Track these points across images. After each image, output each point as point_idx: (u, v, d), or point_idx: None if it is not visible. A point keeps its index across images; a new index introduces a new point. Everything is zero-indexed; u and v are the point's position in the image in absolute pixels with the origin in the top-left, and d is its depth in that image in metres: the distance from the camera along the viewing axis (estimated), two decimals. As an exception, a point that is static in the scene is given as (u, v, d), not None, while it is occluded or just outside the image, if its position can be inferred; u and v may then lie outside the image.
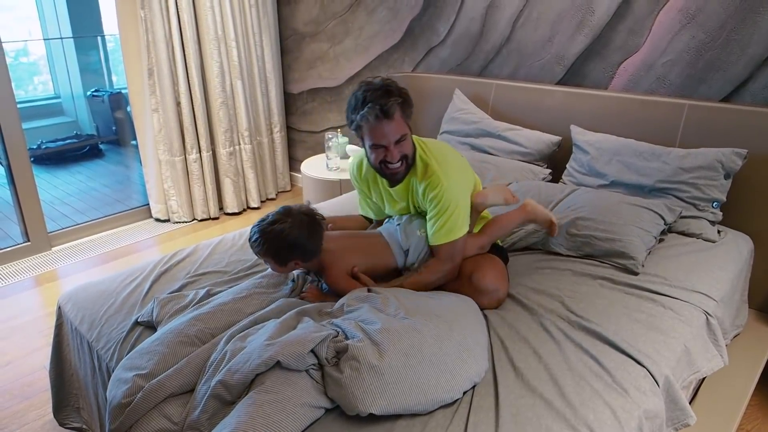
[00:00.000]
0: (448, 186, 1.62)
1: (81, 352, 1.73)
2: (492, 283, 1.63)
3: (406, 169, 1.66)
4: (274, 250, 1.58)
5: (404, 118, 1.60)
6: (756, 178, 2.10)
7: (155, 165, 3.46)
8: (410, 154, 1.65)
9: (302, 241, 1.57)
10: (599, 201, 2.00)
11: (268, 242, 1.57)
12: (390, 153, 1.59)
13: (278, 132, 3.92)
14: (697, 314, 1.64)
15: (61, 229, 3.41)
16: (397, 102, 1.55)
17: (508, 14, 2.69)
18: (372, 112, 1.53)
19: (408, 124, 1.62)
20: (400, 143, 1.60)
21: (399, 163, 1.62)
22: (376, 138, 1.58)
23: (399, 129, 1.58)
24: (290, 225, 1.56)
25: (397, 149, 1.60)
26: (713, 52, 2.18)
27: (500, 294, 1.64)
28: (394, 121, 1.56)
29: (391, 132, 1.57)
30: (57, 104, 5.73)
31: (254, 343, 1.31)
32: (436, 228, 1.65)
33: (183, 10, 3.19)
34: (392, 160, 1.61)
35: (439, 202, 1.62)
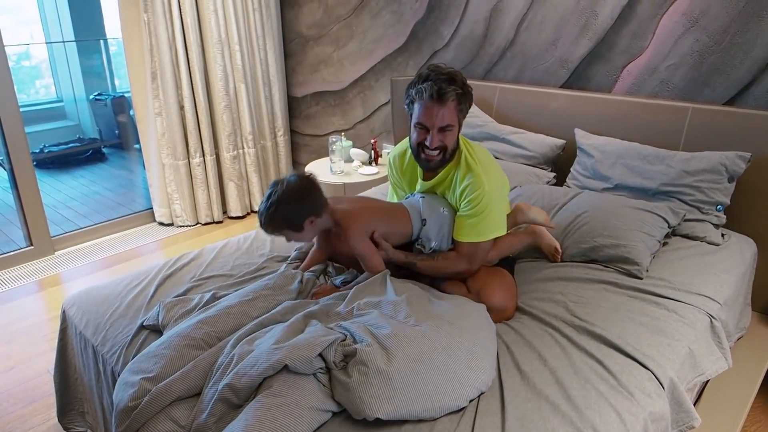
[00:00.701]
0: (489, 191, 1.62)
1: (86, 356, 1.73)
2: (500, 302, 1.63)
3: (441, 161, 1.65)
4: (282, 219, 1.56)
5: (457, 111, 1.60)
6: (759, 181, 2.10)
7: (159, 169, 3.46)
8: (450, 148, 1.64)
9: (303, 196, 1.57)
10: (603, 205, 2.01)
11: (274, 215, 1.56)
12: (431, 137, 1.60)
13: (282, 135, 3.93)
14: (701, 317, 1.64)
15: (64, 233, 3.42)
16: (456, 91, 1.56)
17: (512, 17, 2.69)
18: (428, 90, 1.54)
19: (460, 120, 1.62)
20: (443, 132, 1.60)
21: (436, 152, 1.62)
22: (422, 117, 1.59)
23: (447, 117, 1.58)
24: (283, 188, 1.56)
25: (439, 137, 1.60)
26: (717, 56, 2.18)
27: (508, 312, 1.64)
28: (445, 108, 1.56)
29: (438, 116, 1.57)
30: (59, 108, 5.74)
31: (262, 347, 1.31)
32: (466, 227, 1.65)
33: (186, 13, 3.20)
34: (430, 145, 1.61)
35: (477, 204, 1.63)
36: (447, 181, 1.72)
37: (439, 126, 1.58)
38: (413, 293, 1.59)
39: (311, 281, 1.75)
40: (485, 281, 1.68)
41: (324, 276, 1.86)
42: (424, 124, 1.59)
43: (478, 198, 1.62)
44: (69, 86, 5.63)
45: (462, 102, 1.60)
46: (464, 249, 1.68)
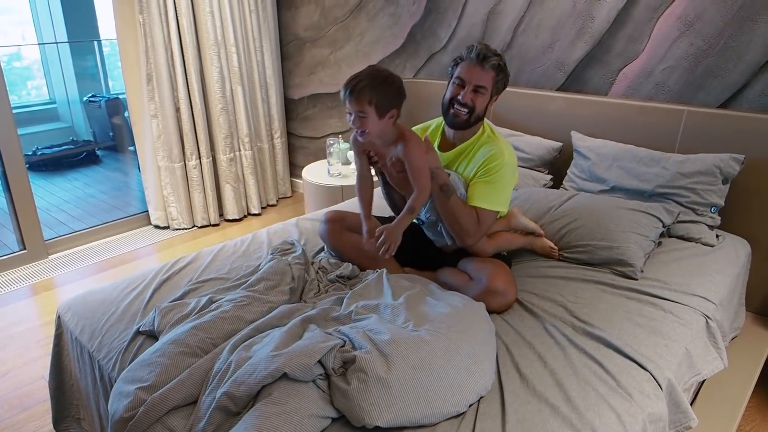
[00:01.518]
0: (507, 163, 1.77)
1: (82, 362, 1.71)
2: (503, 285, 1.66)
3: (467, 120, 1.78)
4: (381, 94, 1.57)
5: (493, 81, 1.76)
6: (753, 183, 2.12)
7: (154, 171, 3.45)
8: (477, 112, 1.78)
9: (402, 90, 1.63)
10: (597, 207, 2.02)
11: (376, 86, 1.57)
12: (464, 92, 1.75)
13: (279, 138, 3.93)
14: (696, 317, 1.66)
15: (58, 236, 3.39)
16: (498, 62, 1.75)
17: (509, 20, 2.71)
18: (474, 51, 1.74)
19: (492, 91, 1.78)
20: (477, 92, 1.76)
21: (465, 110, 1.77)
22: (463, 72, 1.76)
23: (483, 79, 1.75)
24: (390, 73, 1.62)
25: (471, 95, 1.75)
26: (711, 59, 2.20)
27: (509, 297, 1.67)
28: (485, 71, 1.74)
29: (475, 75, 1.74)
30: (53, 110, 5.71)
31: (260, 354, 1.31)
32: (480, 191, 1.76)
33: (182, 14, 3.19)
34: (462, 99, 1.75)
35: (496, 171, 1.75)
36: (466, 152, 1.84)
37: (476, 84, 1.75)
38: (411, 295, 1.60)
39: (304, 280, 1.74)
40: (487, 267, 1.73)
41: (319, 272, 1.86)
42: (463, 79, 1.76)
43: (497, 166, 1.75)
44: (62, 88, 5.60)
45: (499, 74, 1.77)
46: (478, 213, 1.77)
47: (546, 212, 2.09)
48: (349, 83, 1.59)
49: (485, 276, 1.68)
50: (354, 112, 1.60)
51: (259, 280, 1.71)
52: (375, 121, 1.61)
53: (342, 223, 1.94)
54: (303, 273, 1.78)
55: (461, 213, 1.73)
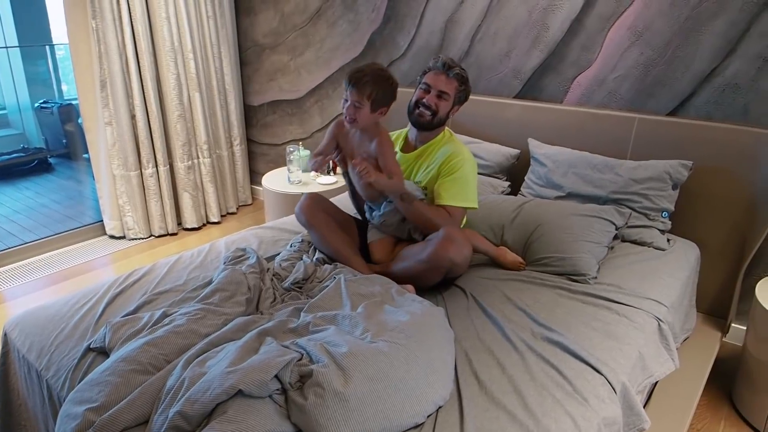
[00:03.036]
0: (467, 159, 1.91)
1: (29, 382, 1.64)
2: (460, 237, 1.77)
3: (429, 121, 1.94)
4: (380, 91, 1.76)
5: (456, 90, 1.93)
6: (701, 188, 2.20)
7: (109, 180, 3.35)
8: (439, 115, 1.94)
9: (397, 91, 1.82)
10: (550, 216, 2.05)
11: (380, 83, 1.75)
12: (430, 96, 1.92)
13: (238, 145, 3.87)
14: (649, 320, 1.71)
15: (7, 248, 3.25)
16: (459, 73, 1.92)
17: (467, 29, 2.74)
18: (441, 61, 1.92)
19: (455, 99, 1.94)
20: (440, 97, 1.92)
21: (429, 111, 1.92)
22: (428, 79, 1.94)
23: (447, 86, 1.92)
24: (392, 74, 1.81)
25: (435, 99, 1.92)
26: (660, 68, 2.28)
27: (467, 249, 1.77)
28: (448, 80, 1.91)
29: (440, 82, 1.92)
30: (2, 116, 5.50)
31: (215, 371, 1.27)
32: (448, 190, 1.88)
33: (137, 20, 3.12)
34: (426, 102, 1.92)
35: (458, 169, 1.88)
36: (427, 153, 1.99)
37: (440, 89, 1.91)
38: (369, 304, 1.59)
39: (259, 289, 1.72)
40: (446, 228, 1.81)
41: (274, 279, 1.84)
42: (429, 84, 1.93)
43: (459, 162, 1.89)
44: (12, 93, 5.40)
45: (462, 85, 1.93)
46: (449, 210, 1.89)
47: (501, 223, 2.12)
48: (354, 74, 1.76)
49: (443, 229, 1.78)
50: (352, 101, 1.77)
51: (214, 292, 1.67)
52: (367, 114, 1.79)
53: (319, 204, 2.03)
54: (258, 282, 1.75)
55: (431, 213, 1.85)
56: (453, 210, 1.88)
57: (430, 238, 1.81)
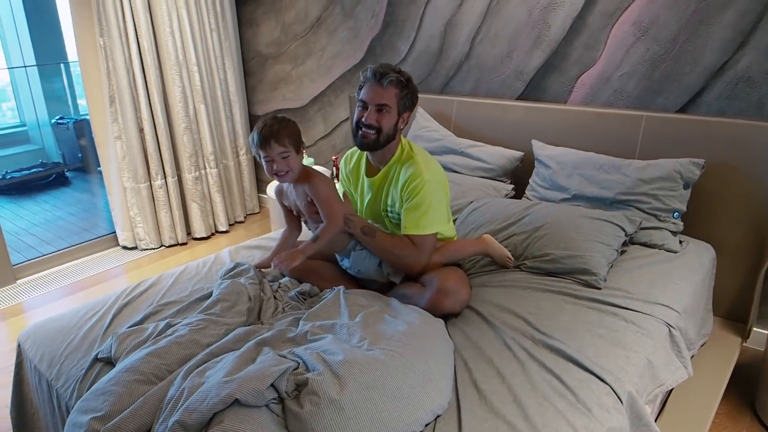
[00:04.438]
0: (429, 180, 1.72)
1: (41, 391, 1.67)
2: (453, 284, 1.67)
3: (375, 142, 1.75)
4: (293, 131, 1.69)
5: (397, 98, 1.73)
6: (715, 187, 2.13)
7: (120, 192, 3.40)
8: (385, 131, 1.74)
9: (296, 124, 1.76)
10: (559, 217, 2.01)
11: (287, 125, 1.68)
12: (367, 114, 1.72)
13: (244, 154, 3.89)
14: (659, 327, 1.65)
15: (26, 260, 3.32)
16: (395, 78, 1.71)
17: (467, 31, 2.71)
18: (370, 71, 1.73)
19: (399, 107, 1.74)
20: (380, 112, 1.72)
21: (372, 131, 1.73)
22: (363, 95, 1.75)
23: (385, 97, 1.72)
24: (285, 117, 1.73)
25: (375, 115, 1.72)
26: (668, 64, 2.21)
27: (462, 296, 1.68)
28: (385, 90, 1.71)
29: (376, 95, 1.72)
30: (23, 132, 5.64)
31: (212, 380, 1.27)
32: (411, 219, 1.74)
33: (143, 36, 3.15)
34: (366, 121, 1.72)
35: (418, 193, 1.71)
36: (390, 175, 1.81)
37: (377, 103, 1.71)
38: (368, 313, 1.57)
39: (260, 299, 1.72)
40: (438, 271, 1.73)
41: (279, 290, 1.84)
42: (365, 101, 1.74)
43: (418, 187, 1.71)
44: (32, 110, 5.53)
45: (403, 90, 1.73)
46: (414, 240, 1.75)
47: (507, 223, 2.07)
48: (263, 130, 1.66)
49: (436, 278, 1.69)
50: (276, 155, 1.67)
51: (216, 302, 1.68)
52: (295, 158, 1.70)
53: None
54: (259, 291, 1.76)
55: (395, 246, 1.74)
56: (419, 239, 1.73)
57: (427, 284, 1.70)
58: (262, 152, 1.68)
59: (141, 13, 3.12)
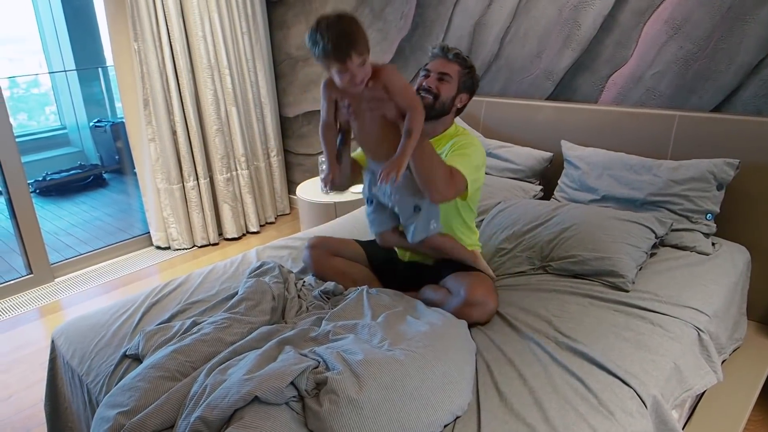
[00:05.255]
0: (475, 143, 1.79)
1: (73, 386, 1.72)
2: (481, 295, 1.64)
3: (431, 105, 1.79)
4: (363, 34, 1.40)
5: (459, 74, 1.82)
6: (751, 187, 2.06)
7: (154, 194, 3.49)
8: (441, 99, 1.80)
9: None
10: (588, 218, 1.98)
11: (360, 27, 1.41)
12: (429, 79, 1.81)
13: (275, 156, 3.95)
14: (687, 330, 1.61)
15: (64, 260, 3.44)
16: (459, 54, 1.83)
17: (496, 31, 2.69)
18: (438, 46, 1.85)
19: (459, 81, 1.82)
20: (442, 80, 1.80)
21: (430, 95, 1.79)
22: (429, 64, 1.85)
23: (447, 68, 1.81)
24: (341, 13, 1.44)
25: (435, 82, 1.80)
26: (702, 62, 2.16)
27: (490, 306, 1.65)
28: (448, 62, 1.82)
29: (439, 65, 1.82)
30: (63, 135, 5.84)
31: (233, 377, 1.30)
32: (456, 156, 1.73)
33: (176, 40, 3.24)
34: (426, 85, 1.80)
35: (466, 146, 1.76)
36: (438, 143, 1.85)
37: (439, 71, 1.80)
38: (391, 314, 1.58)
39: (284, 297, 1.74)
40: (466, 279, 1.71)
41: (303, 288, 1.86)
42: (429, 69, 1.84)
43: (466, 143, 1.77)
44: (72, 113, 5.73)
45: (465, 69, 1.83)
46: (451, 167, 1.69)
47: (534, 224, 2.05)
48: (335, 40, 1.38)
49: (464, 287, 1.67)
50: (356, 67, 1.41)
51: (240, 301, 1.71)
52: (368, 64, 1.46)
53: (325, 249, 1.96)
54: (283, 291, 1.78)
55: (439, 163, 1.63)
56: (455, 171, 1.65)
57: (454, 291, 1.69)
58: (337, 65, 1.41)
59: (174, 18, 3.20)
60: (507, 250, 2.02)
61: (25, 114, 5.77)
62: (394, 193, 1.72)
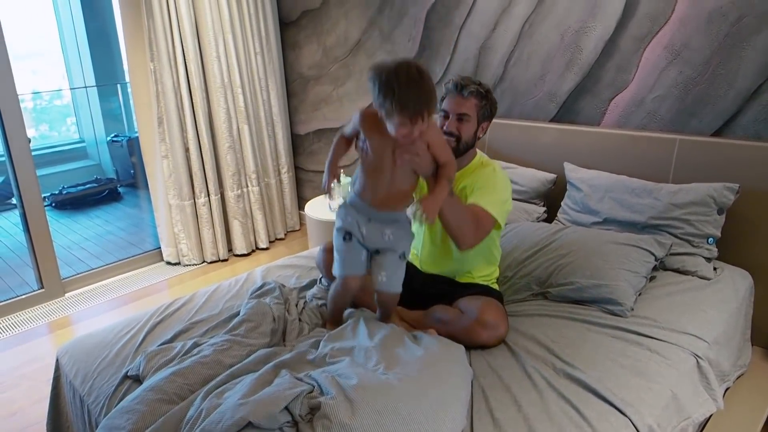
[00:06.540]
0: (500, 173, 1.81)
1: (74, 406, 1.74)
2: (493, 318, 1.66)
3: (455, 148, 1.79)
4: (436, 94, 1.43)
5: (477, 108, 1.81)
6: (751, 212, 2.06)
7: (166, 209, 3.55)
8: (464, 139, 1.81)
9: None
10: (586, 242, 1.99)
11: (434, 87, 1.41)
12: (449, 122, 1.80)
13: (286, 173, 4.00)
14: (685, 357, 1.61)
15: (75, 274, 3.49)
16: (475, 89, 1.80)
17: (500, 54, 2.73)
18: (452, 83, 1.83)
19: (479, 116, 1.82)
20: (461, 121, 1.80)
21: (452, 138, 1.79)
22: (445, 104, 1.84)
23: (465, 106, 1.80)
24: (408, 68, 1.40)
25: (455, 124, 1.80)
26: (701, 87, 2.17)
27: (500, 331, 1.66)
28: (465, 99, 1.80)
29: (457, 105, 1.80)
30: (82, 148, 5.96)
31: (229, 401, 1.32)
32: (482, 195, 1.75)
33: (190, 60, 3.31)
34: (447, 129, 1.80)
35: (495, 181, 1.78)
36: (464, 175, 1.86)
37: (458, 112, 1.80)
38: (389, 336, 1.59)
39: (282, 320, 1.77)
40: (480, 302, 1.71)
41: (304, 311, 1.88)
42: (446, 110, 1.83)
43: (491, 177, 1.79)
44: (90, 127, 5.85)
45: (482, 100, 1.81)
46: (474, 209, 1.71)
47: (534, 250, 2.06)
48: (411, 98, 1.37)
49: (476, 308, 1.68)
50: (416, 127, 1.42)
51: (241, 323, 1.73)
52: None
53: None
54: (284, 312, 1.80)
55: (466, 212, 1.66)
56: (482, 214, 1.69)
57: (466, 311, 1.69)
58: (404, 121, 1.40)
59: (189, 39, 3.28)
60: (508, 278, 2.04)
61: (47, 125, 5.93)
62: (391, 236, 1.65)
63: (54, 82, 5.75)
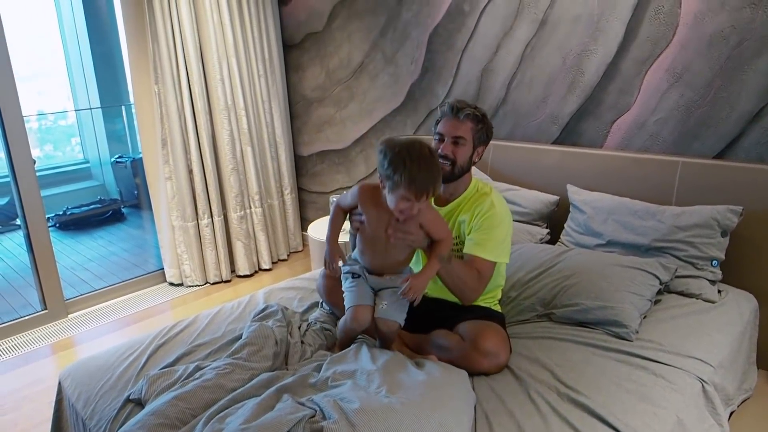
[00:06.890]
0: (499, 212, 1.76)
1: (77, 429, 1.73)
2: (493, 346, 1.63)
3: (450, 171, 1.79)
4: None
5: (472, 132, 1.80)
6: (755, 234, 2.06)
7: (169, 231, 3.56)
8: (459, 163, 1.79)
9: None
10: (591, 265, 1.98)
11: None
12: (444, 146, 1.79)
13: (289, 194, 4.02)
14: (691, 382, 1.59)
15: (78, 295, 3.49)
16: (471, 113, 1.79)
17: (503, 77, 2.75)
18: (447, 106, 1.82)
19: (474, 140, 1.81)
20: (456, 144, 1.78)
21: (447, 161, 1.78)
22: (440, 128, 1.83)
23: (461, 130, 1.79)
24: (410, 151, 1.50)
25: (450, 147, 1.78)
26: (703, 110, 2.19)
27: (501, 359, 1.64)
28: (460, 123, 1.79)
29: (452, 128, 1.79)
30: (86, 169, 6.00)
31: (230, 426, 1.32)
32: (480, 242, 1.74)
33: (194, 83, 3.35)
34: (442, 152, 1.77)
35: (487, 219, 1.75)
36: (461, 207, 1.84)
37: (453, 135, 1.78)
38: (392, 360, 1.59)
39: (287, 343, 1.76)
40: (480, 329, 1.69)
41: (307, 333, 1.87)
42: (442, 133, 1.81)
43: (489, 214, 1.75)
44: (95, 148, 5.90)
45: (478, 124, 1.80)
46: (477, 264, 1.73)
47: (538, 272, 2.06)
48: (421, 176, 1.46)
49: (477, 335, 1.66)
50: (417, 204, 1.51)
51: (243, 346, 1.72)
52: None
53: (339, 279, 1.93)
54: (286, 335, 1.80)
55: (465, 273, 1.70)
56: (483, 265, 1.73)
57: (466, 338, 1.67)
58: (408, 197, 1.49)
59: (193, 62, 3.32)
60: (511, 298, 2.03)
61: (51, 145, 5.98)
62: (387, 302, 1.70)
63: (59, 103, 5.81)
